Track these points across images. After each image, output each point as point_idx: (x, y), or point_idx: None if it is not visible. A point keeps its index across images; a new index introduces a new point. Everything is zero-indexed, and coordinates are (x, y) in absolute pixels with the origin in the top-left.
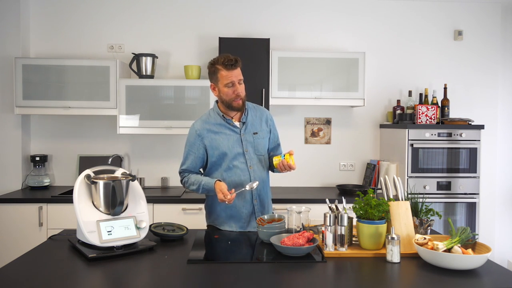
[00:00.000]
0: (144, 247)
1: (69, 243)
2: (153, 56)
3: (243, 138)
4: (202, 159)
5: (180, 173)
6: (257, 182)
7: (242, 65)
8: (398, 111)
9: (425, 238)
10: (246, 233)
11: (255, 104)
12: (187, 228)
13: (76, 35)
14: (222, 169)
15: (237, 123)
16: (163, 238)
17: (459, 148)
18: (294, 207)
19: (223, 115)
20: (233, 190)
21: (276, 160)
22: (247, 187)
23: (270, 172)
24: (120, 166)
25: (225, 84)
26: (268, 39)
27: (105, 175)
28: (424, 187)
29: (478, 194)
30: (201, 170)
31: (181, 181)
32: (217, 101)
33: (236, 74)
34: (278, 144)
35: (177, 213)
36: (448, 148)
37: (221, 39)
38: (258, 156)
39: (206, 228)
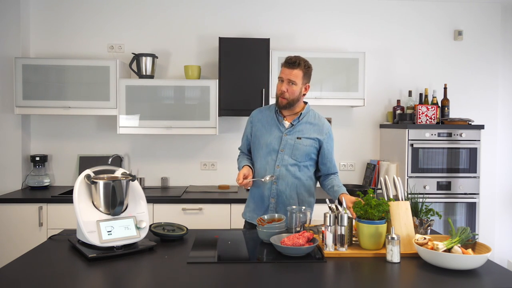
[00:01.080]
0: (144, 247)
1: (69, 243)
2: (153, 56)
3: (284, 138)
4: (250, 142)
5: (238, 150)
6: (270, 176)
7: (306, 70)
8: (398, 111)
9: (425, 238)
10: (246, 233)
11: (322, 116)
12: (187, 228)
13: (76, 35)
14: (256, 158)
15: (286, 123)
16: (163, 238)
17: (459, 148)
18: (294, 207)
19: (277, 111)
20: (250, 176)
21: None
22: (262, 179)
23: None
24: (120, 166)
25: (278, 77)
26: (268, 39)
27: (105, 175)
28: (424, 187)
29: (478, 194)
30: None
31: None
32: None
33: (289, 73)
34: (329, 160)
35: (177, 213)
36: (448, 148)
37: (221, 39)
38: (293, 160)
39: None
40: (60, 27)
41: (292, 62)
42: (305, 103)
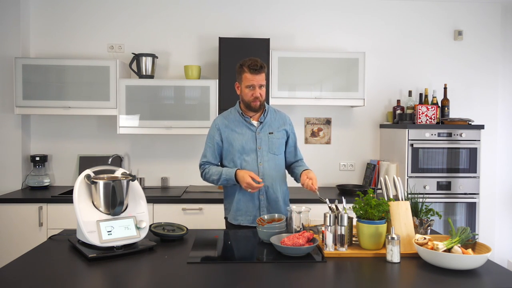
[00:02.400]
0: (144, 247)
1: (69, 243)
2: (153, 56)
3: (258, 136)
4: (221, 151)
5: (200, 165)
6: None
7: (266, 69)
8: (398, 111)
9: (425, 238)
10: (245, 233)
11: (277, 109)
12: (187, 228)
13: (76, 35)
14: (233, 163)
15: (254, 122)
16: (163, 238)
17: (459, 148)
18: (294, 207)
19: (242, 113)
20: (261, 182)
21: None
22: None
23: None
24: (120, 166)
25: (246, 85)
26: (268, 39)
27: (105, 175)
28: (424, 187)
29: (478, 194)
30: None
31: (201, 173)
32: (239, 101)
33: (258, 79)
34: (294, 148)
35: (177, 213)
36: (448, 148)
37: (221, 39)
38: (271, 155)
39: (223, 221)
40: (60, 27)
41: (258, 68)
42: None
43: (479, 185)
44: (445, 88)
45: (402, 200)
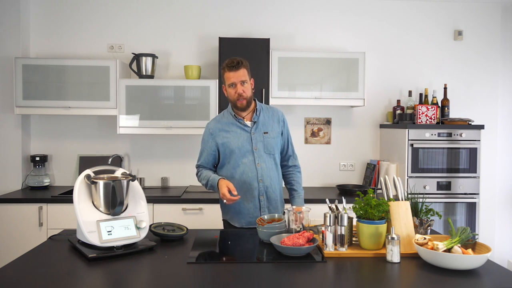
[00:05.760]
0: (144, 247)
1: (69, 243)
2: (153, 56)
3: (253, 136)
4: (214, 156)
5: (196, 167)
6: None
7: (247, 66)
8: (398, 111)
9: (425, 238)
10: (246, 233)
11: (268, 106)
12: (187, 228)
13: (76, 35)
14: (231, 166)
15: (248, 123)
16: (163, 238)
17: (459, 148)
18: (294, 207)
19: (234, 115)
20: (237, 195)
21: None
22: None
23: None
24: (120, 166)
25: (228, 84)
26: (268, 39)
27: (105, 175)
28: (424, 187)
29: (478, 194)
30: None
31: (196, 174)
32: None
33: (238, 76)
34: (289, 144)
35: (177, 213)
36: (448, 148)
37: (221, 39)
38: (267, 155)
39: (222, 222)
40: (60, 27)
41: (235, 65)
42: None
43: (479, 185)
44: (445, 88)
45: (402, 200)
